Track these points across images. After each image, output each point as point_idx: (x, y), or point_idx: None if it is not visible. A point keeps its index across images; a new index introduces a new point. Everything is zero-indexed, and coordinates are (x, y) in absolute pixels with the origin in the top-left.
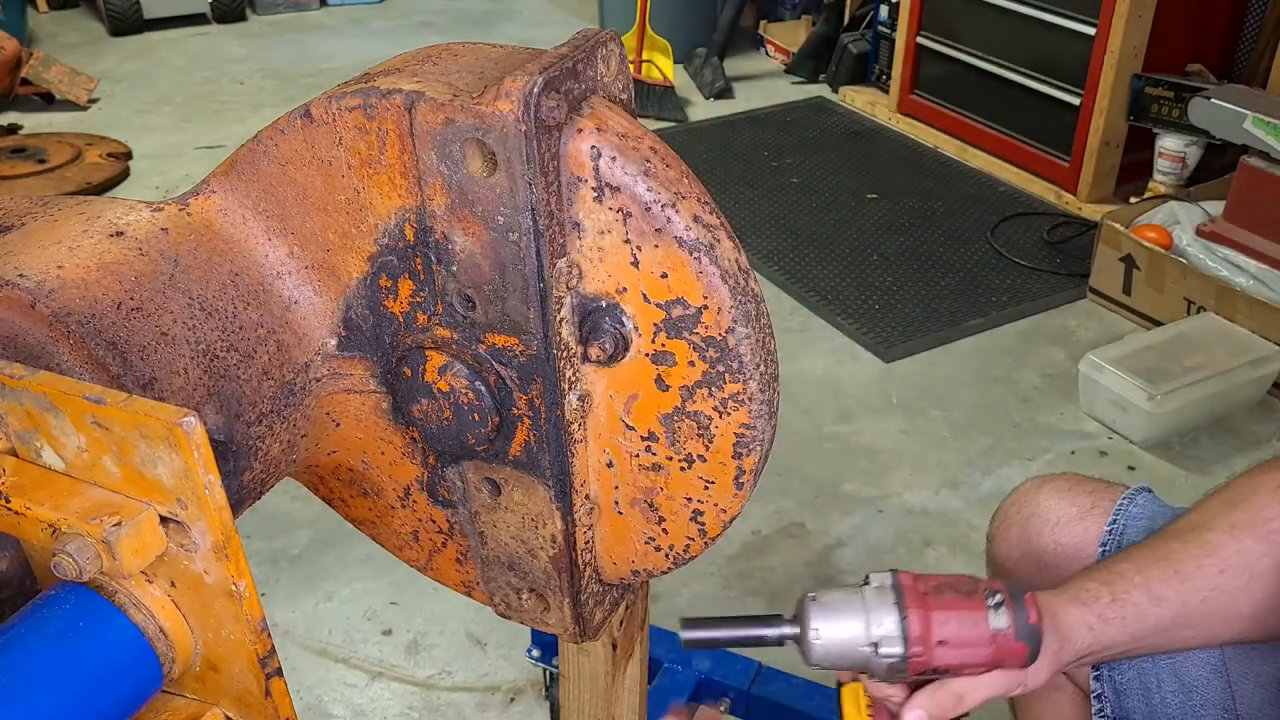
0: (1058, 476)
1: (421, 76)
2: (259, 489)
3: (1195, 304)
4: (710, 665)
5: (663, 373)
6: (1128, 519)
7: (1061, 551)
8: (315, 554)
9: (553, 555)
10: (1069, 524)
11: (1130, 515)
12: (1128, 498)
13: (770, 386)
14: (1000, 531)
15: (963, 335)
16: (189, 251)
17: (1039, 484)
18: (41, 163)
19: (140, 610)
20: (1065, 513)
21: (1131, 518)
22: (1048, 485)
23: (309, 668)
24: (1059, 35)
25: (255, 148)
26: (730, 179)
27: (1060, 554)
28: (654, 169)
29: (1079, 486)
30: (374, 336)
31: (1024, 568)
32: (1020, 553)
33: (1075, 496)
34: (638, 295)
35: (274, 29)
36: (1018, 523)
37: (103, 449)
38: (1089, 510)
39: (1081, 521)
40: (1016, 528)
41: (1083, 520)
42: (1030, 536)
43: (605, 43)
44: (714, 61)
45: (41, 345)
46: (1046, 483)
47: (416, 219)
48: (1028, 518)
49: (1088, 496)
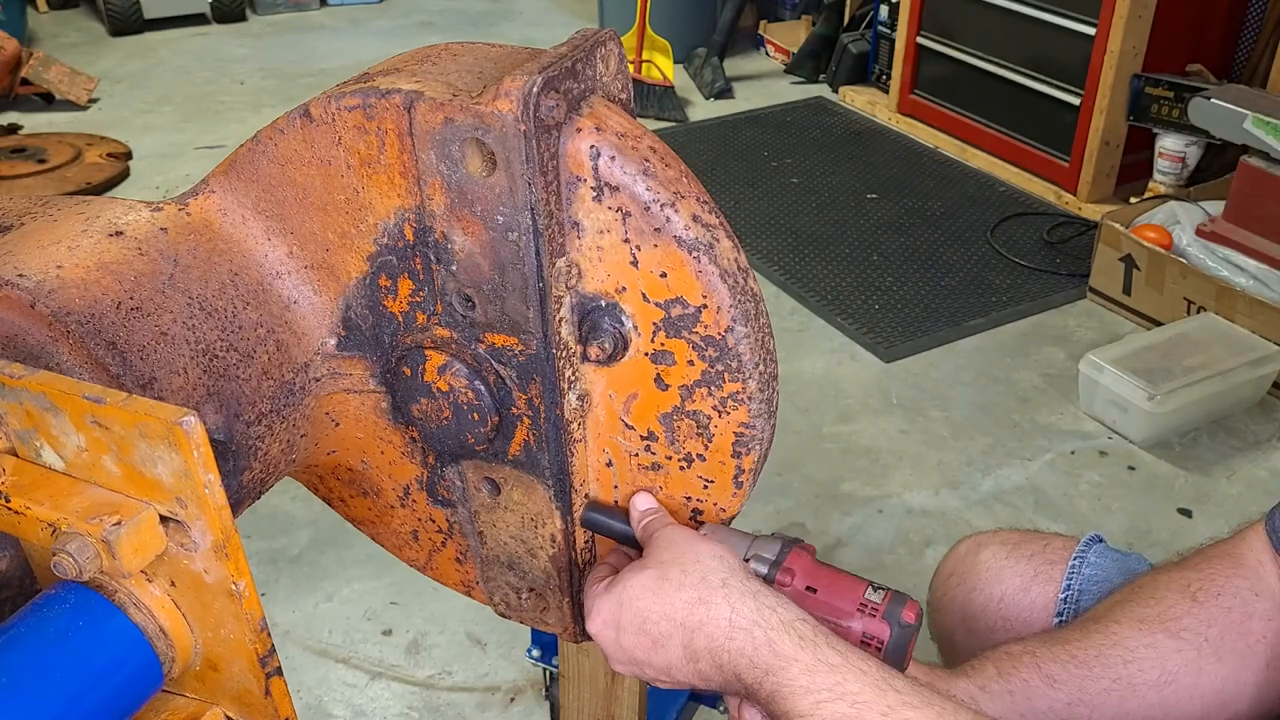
0: (994, 536)
1: (421, 76)
2: (259, 489)
3: (1195, 304)
4: None
5: (662, 372)
6: (1082, 584)
7: (1010, 629)
8: (315, 554)
9: (552, 555)
10: (1014, 598)
11: (1085, 579)
12: (1078, 557)
13: (769, 386)
14: (941, 602)
15: (963, 335)
16: (188, 251)
17: (975, 547)
18: (41, 163)
19: (140, 610)
20: (1009, 584)
21: (1086, 581)
22: (985, 550)
23: (309, 668)
24: (1059, 35)
25: (255, 148)
26: (730, 179)
27: (1010, 630)
28: (653, 168)
29: (1019, 549)
30: (373, 336)
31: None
32: (965, 629)
33: (1016, 564)
34: (637, 294)
35: (274, 29)
36: (959, 597)
37: (102, 448)
38: (1033, 579)
39: (1027, 594)
40: (959, 602)
41: (1028, 593)
42: (975, 613)
43: (605, 42)
44: (714, 61)
45: (41, 345)
46: (984, 546)
47: (416, 219)
48: (969, 592)
49: (1028, 563)
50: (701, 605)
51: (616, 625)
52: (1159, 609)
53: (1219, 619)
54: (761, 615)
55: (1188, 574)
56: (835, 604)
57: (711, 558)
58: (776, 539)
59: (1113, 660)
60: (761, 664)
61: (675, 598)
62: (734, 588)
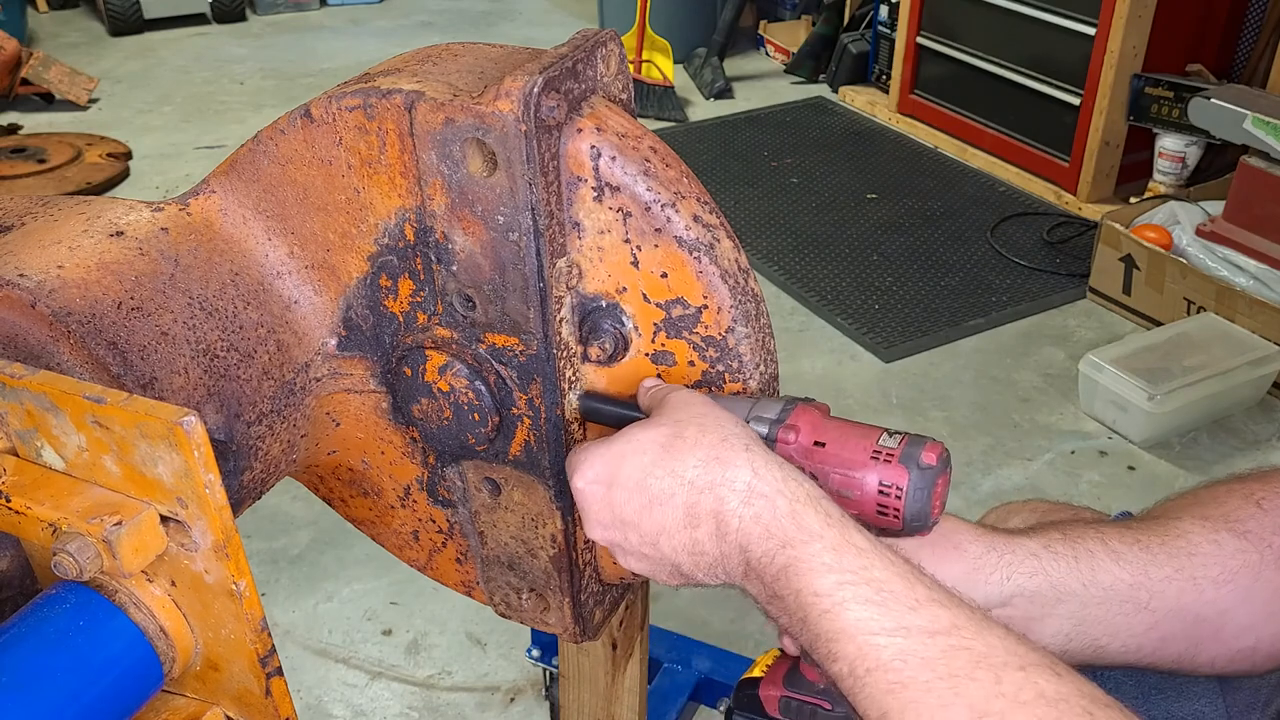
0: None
1: (421, 76)
2: (259, 489)
3: (1195, 304)
4: (710, 665)
5: (663, 372)
6: None
7: None
8: (315, 554)
9: (553, 555)
10: None
11: None
12: None
13: (770, 386)
14: None
15: (963, 335)
16: (189, 251)
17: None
18: (41, 163)
19: (140, 609)
20: None
21: None
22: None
23: (309, 668)
24: (1059, 35)
25: (255, 148)
26: (730, 179)
27: None
28: (654, 169)
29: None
30: (374, 336)
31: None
32: None
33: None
34: (638, 295)
35: (274, 29)
36: None
37: (103, 448)
38: None
39: None
40: None
41: None
42: None
43: (605, 43)
44: (714, 61)
45: (42, 345)
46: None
47: (416, 219)
48: None
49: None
50: (718, 464)
51: (609, 481)
52: (1223, 510)
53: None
54: (787, 486)
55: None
56: (845, 455)
57: (732, 423)
58: (781, 398)
59: (1177, 550)
60: (779, 535)
61: (689, 455)
62: (757, 454)
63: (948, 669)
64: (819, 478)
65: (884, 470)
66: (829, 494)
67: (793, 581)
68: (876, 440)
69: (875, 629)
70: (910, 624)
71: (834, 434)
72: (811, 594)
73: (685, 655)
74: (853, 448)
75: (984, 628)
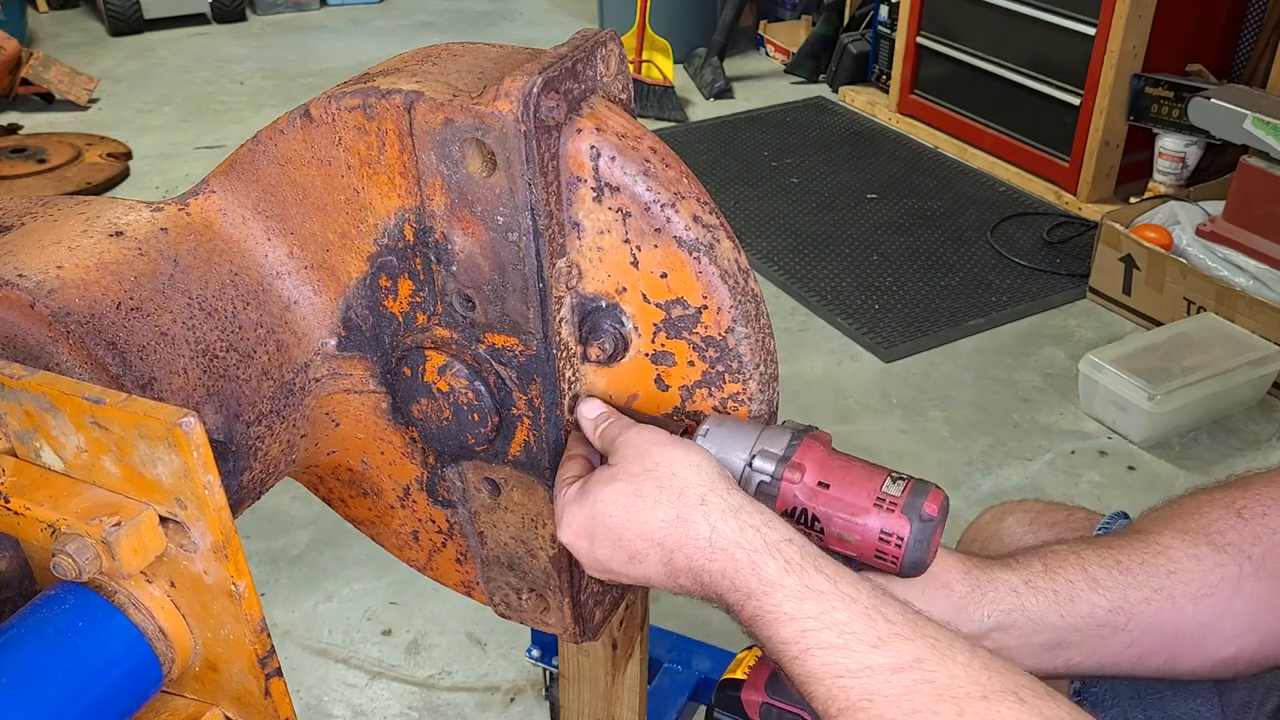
0: (1019, 505)
1: (421, 76)
2: (259, 489)
3: (1195, 304)
4: (710, 665)
5: (662, 373)
6: None
7: None
8: (315, 554)
9: (552, 555)
10: None
11: None
12: (1103, 528)
13: (770, 386)
14: None
15: (963, 335)
16: (189, 251)
17: (999, 515)
18: (41, 163)
19: (140, 610)
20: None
21: None
22: (1009, 518)
23: (309, 668)
24: (1059, 35)
25: (255, 148)
26: (730, 179)
27: None
28: (653, 169)
29: (1042, 518)
30: (374, 336)
31: None
32: None
33: (1039, 530)
34: (637, 295)
35: (274, 29)
36: None
37: (102, 449)
38: None
39: None
40: None
41: None
42: None
43: (605, 43)
44: (714, 61)
45: (41, 345)
46: (1008, 514)
47: (416, 219)
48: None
49: (1050, 530)
50: (679, 524)
51: (590, 536)
52: (1203, 522)
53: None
54: (744, 536)
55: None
56: (849, 499)
57: (688, 468)
58: (786, 429)
59: (1156, 570)
60: (743, 588)
61: (651, 516)
62: (713, 505)
63: (911, 705)
64: (820, 520)
65: (886, 519)
66: (830, 534)
67: (762, 630)
68: (880, 486)
69: (840, 671)
70: (873, 663)
71: (839, 475)
72: (780, 642)
73: (685, 655)
74: (856, 492)
75: (948, 656)
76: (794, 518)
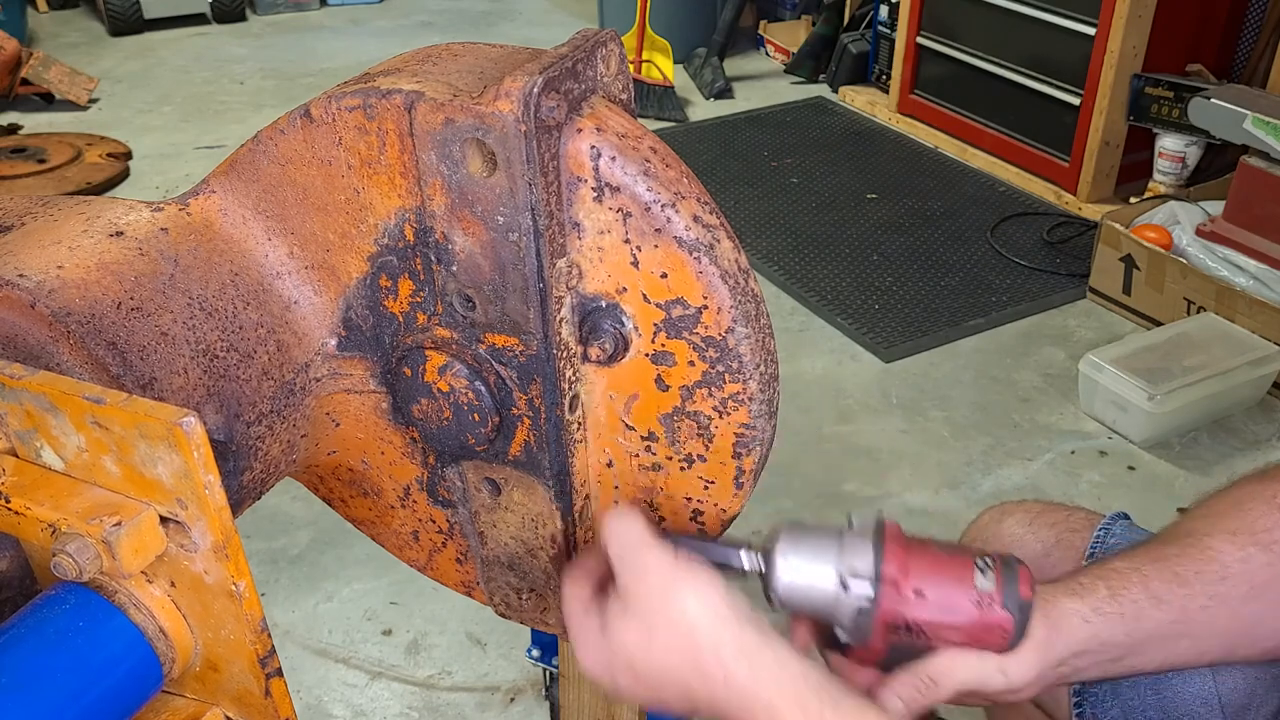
0: (1019, 506)
1: (421, 76)
2: (259, 489)
3: (1195, 304)
4: None
5: (663, 373)
6: (1105, 552)
7: None
8: (315, 554)
9: (553, 555)
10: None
11: (1108, 549)
12: (1104, 529)
13: (770, 386)
14: None
15: (963, 335)
16: (189, 251)
17: (999, 516)
18: (41, 163)
19: (140, 610)
20: (1029, 550)
21: (1109, 550)
22: (1009, 518)
23: (309, 668)
24: (1059, 35)
25: (255, 148)
26: (730, 179)
27: None
28: (654, 169)
29: (1041, 518)
30: (374, 336)
31: None
32: None
33: (1038, 531)
34: (638, 295)
35: (274, 29)
36: None
37: (103, 449)
38: (1054, 545)
39: (1048, 559)
40: None
41: (1048, 557)
42: None
43: (605, 43)
44: (714, 61)
45: (41, 345)
46: (1008, 515)
47: (416, 219)
48: None
49: (1050, 530)
50: (694, 670)
51: (609, 670)
52: (1247, 520)
53: None
54: (757, 680)
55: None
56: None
57: (697, 605)
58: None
59: (1210, 577)
60: None
61: (665, 661)
62: (725, 648)
63: None
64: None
65: (988, 614)
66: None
67: None
68: (973, 581)
69: None
70: None
71: (928, 576)
72: None
73: None
74: (951, 592)
75: None
76: (897, 631)
